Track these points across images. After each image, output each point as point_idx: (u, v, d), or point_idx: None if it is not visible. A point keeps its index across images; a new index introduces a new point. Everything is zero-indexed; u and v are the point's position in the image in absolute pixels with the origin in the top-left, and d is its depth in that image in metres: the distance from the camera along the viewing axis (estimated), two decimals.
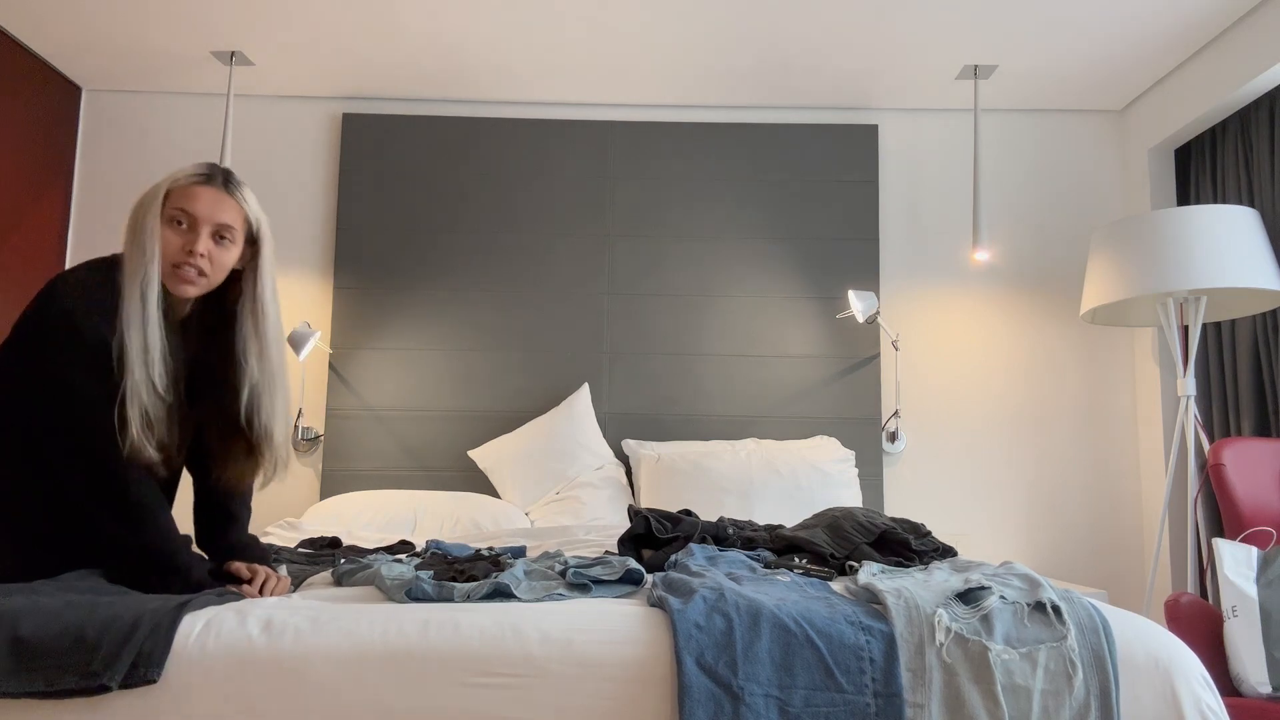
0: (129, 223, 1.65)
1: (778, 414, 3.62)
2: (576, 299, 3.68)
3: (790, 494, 3.16)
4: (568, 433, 3.40)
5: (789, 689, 1.29)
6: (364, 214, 3.70)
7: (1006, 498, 3.67)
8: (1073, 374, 3.73)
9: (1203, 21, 3.12)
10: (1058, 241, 3.79)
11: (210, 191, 1.67)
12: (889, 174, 3.83)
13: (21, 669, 1.23)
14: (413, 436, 3.59)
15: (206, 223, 1.66)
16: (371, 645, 1.31)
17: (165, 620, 1.31)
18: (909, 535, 1.90)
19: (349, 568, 1.77)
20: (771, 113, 3.86)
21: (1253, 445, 2.68)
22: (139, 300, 1.59)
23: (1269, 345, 3.07)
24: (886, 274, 3.78)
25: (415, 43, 3.37)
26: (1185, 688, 1.35)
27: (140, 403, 1.57)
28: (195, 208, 1.65)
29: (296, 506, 3.63)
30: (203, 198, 1.66)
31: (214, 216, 1.66)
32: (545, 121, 3.78)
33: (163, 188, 1.66)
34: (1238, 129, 3.25)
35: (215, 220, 1.66)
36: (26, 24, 3.28)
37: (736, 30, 3.25)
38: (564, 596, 1.52)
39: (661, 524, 2.00)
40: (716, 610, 1.36)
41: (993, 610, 1.39)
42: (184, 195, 1.66)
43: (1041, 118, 3.86)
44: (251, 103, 3.82)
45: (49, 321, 1.57)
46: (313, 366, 3.68)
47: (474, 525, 3.00)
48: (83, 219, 3.75)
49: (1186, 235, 2.88)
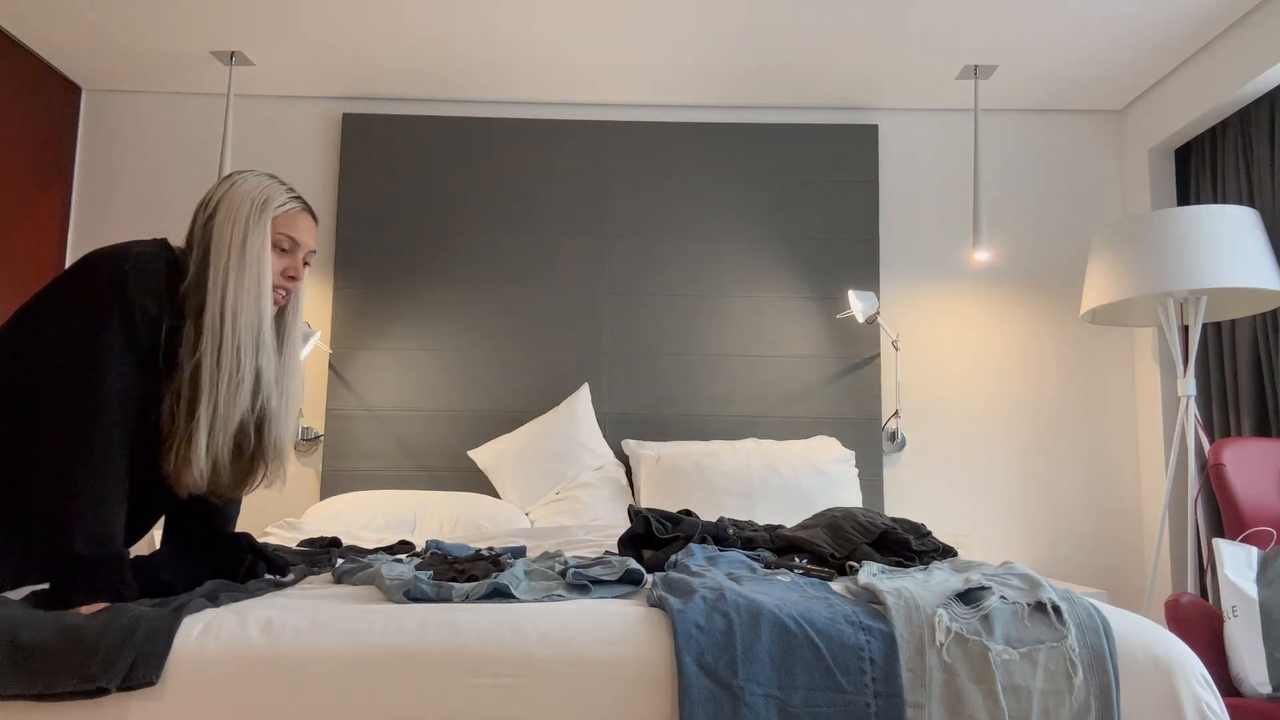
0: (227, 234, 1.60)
1: (778, 414, 3.62)
2: (576, 299, 3.68)
3: (790, 494, 3.15)
4: (568, 433, 3.40)
5: (789, 689, 1.29)
6: (364, 214, 3.70)
7: (1006, 498, 3.67)
8: (1073, 374, 3.73)
9: (1202, 21, 3.12)
10: (1058, 241, 3.79)
11: (309, 220, 1.72)
12: (889, 174, 3.83)
13: (19, 671, 1.23)
14: (413, 436, 3.59)
15: (304, 249, 1.71)
16: (371, 645, 1.31)
17: (164, 622, 1.30)
18: (909, 535, 1.90)
19: (349, 567, 1.77)
20: (771, 113, 3.86)
21: (1253, 445, 2.67)
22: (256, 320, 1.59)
23: (1269, 345, 3.07)
24: (886, 274, 3.78)
25: (415, 43, 3.37)
26: (1185, 688, 1.35)
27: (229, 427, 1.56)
28: (301, 236, 1.70)
29: (296, 506, 3.63)
30: (306, 226, 1.71)
31: (309, 243, 1.73)
32: (545, 121, 3.78)
33: (267, 210, 1.64)
34: (1238, 129, 3.25)
35: (310, 247, 1.73)
36: (26, 24, 3.28)
37: (736, 30, 3.25)
38: (563, 597, 1.52)
39: (661, 524, 2.00)
40: (716, 610, 1.36)
41: (993, 610, 1.39)
42: (290, 223, 1.68)
43: (1041, 118, 3.85)
44: (251, 103, 3.82)
45: (99, 286, 1.50)
46: (313, 366, 3.68)
47: (474, 525, 3.00)
48: (83, 219, 3.75)
49: (1186, 235, 2.88)
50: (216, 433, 1.57)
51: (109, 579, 1.47)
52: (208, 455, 1.56)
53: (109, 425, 1.49)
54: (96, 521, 1.47)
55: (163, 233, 3.71)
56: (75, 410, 1.47)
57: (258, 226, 1.62)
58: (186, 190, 3.76)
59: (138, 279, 1.52)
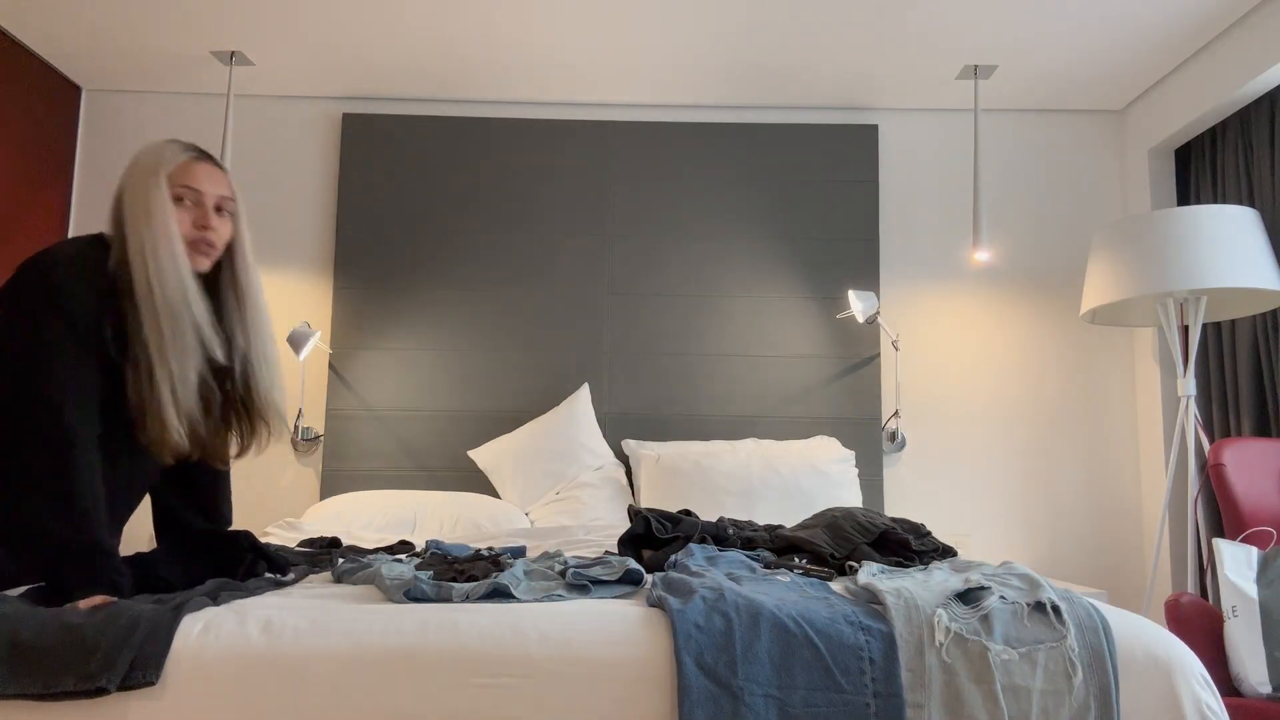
0: (130, 204, 1.64)
1: (778, 414, 3.62)
2: (576, 299, 3.68)
3: (790, 494, 3.15)
4: (568, 433, 3.40)
5: (788, 689, 1.29)
6: (364, 214, 3.70)
7: (1006, 498, 3.67)
8: (1073, 374, 3.73)
9: (1202, 21, 3.12)
10: (1058, 241, 3.79)
11: (207, 167, 1.72)
12: (889, 174, 3.83)
13: (19, 671, 1.23)
14: (413, 436, 3.59)
15: (211, 197, 1.70)
16: (371, 645, 1.31)
17: (164, 622, 1.30)
18: (909, 535, 1.90)
19: (349, 567, 1.77)
20: (771, 113, 3.86)
21: (1253, 445, 2.67)
22: (177, 277, 1.60)
23: (1269, 345, 3.07)
24: (886, 274, 3.78)
25: (415, 43, 3.37)
26: (1185, 688, 1.35)
27: (189, 383, 1.58)
28: (201, 184, 1.69)
29: (296, 506, 3.63)
30: (204, 173, 1.70)
31: (216, 190, 1.71)
32: (545, 121, 3.78)
33: (160, 169, 1.66)
34: (1238, 129, 3.25)
35: (218, 194, 1.71)
36: (26, 24, 3.28)
37: (736, 30, 3.25)
38: (563, 597, 1.52)
39: (661, 524, 2.00)
40: (716, 610, 1.36)
41: (992, 610, 1.39)
42: (185, 173, 1.68)
43: (1041, 118, 3.85)
44: (251, 103, 3.82)
45: (33, 292, 1.55)
46: (313, 366, 3.68)
47: (474, 525, 3.00)
48: (82, 219, 3.75)
49: (1186, 235, 2.88)
50: (178, 391, 1.60)
51: (101, 568, 1.50)
52: (179, 415, 1.59)
53: (66, 420, 1.52)
54: (73, 511, 1.50)
55: None
56: (30, 409, 1.51)
57: (155, 189, 1.65)
58: None
59: (68, 274, 1.56)
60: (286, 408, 1.81)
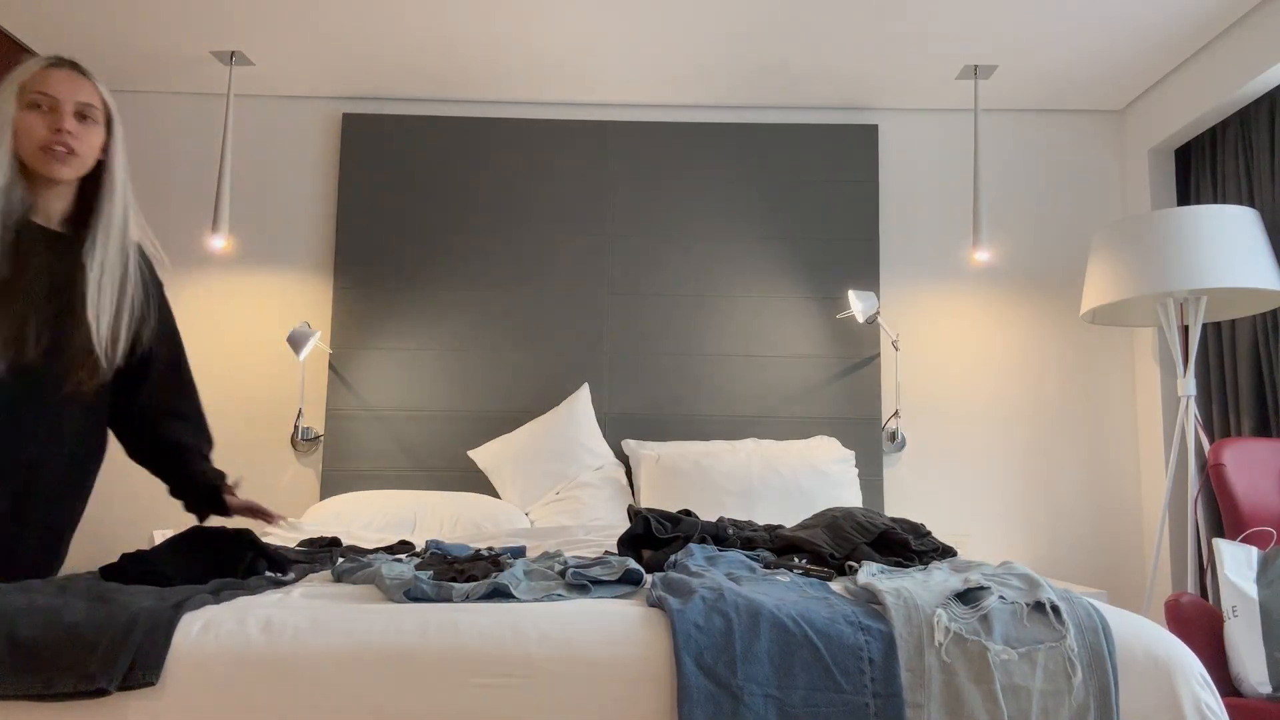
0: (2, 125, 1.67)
1: (778, 414, 3.62)
2: (576, 299, 3.68)
3: (790, 494, 3.15)
4: (568, 433, 3.40)
5: (788, 689, 1.29)
6: (364, 214, 3.70)
7: (1006, 498, 3.67)
8: (1073, 374, 3.73)
9: (1202, 21, 3.12)
10: (1058, 241, 3.79)
11: (64, 72, 1.72)
12: (889, 174, 3.83)
13: (19, 670, 1.23)
14: (413, 436, 3.59)
15: (68, 102, 1.70)
16: (371, 645, 1.31)
17: (163, 621, 1.30)
18: (909, 535, 1.90)
19: (349, 567, 1.77)
20: (771, 113, 3.86)
21: (1253, 445, 2.67)
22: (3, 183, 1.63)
23: (1269, 345, 3.07)
24: (886, 274, 3.78)
25: (415, 43, 3.37)
26: (1185, 688, 1.35)
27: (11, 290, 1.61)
28: (54, 89, 1.69)
29: (296, 507, 3.63)
30: (59, 79, 1.71)
31: (74, 95, 1.71)
32: (545, 121, 3.78)
33: (15, 80, 1.68)
34: (1238, 129, 3.25)
35: (76, 99, 1.71)
36: (27, 24, 3.28)
37: (737, 30, 3.25)
38: (563, 597, 1.52)
39: (661, 524, 2.00)
40: (716, 610, 1.36)
41: (992, 610, 1.39)
42: (39, 80, 1.69)
43: (1041, 118, 3.85)
44: (251, 103, 3.82)
45: None
46: (313, 366, 3.68)
47: (474, 525, 3.00)
48: None
49: (1186, 235, 2.88)
50: None
51: None
52: None
53: None
54: None
55: (163, 234, 3.72)
56: None
57: (8, 100, 1.67)
58: (187, 190, 3.76)
59: None
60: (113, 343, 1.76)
